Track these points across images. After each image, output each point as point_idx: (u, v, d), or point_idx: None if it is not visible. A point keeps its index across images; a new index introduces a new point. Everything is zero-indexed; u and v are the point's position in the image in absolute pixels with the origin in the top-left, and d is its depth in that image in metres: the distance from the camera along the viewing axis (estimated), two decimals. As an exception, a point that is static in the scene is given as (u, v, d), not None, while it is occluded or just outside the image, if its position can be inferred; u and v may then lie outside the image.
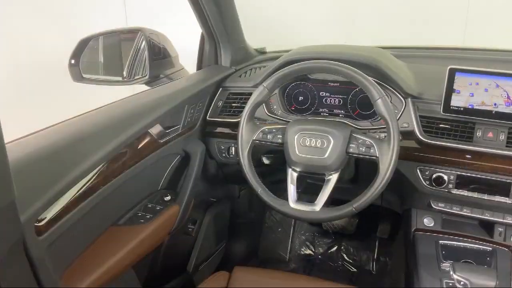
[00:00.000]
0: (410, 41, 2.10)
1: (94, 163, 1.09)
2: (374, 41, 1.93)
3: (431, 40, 2.27)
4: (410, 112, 1.40)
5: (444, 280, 1.25)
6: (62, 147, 1.07)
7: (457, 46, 1.98)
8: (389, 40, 2.07)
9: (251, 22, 2.43)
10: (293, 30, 2.84)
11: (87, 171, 1.07)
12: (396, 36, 2.69)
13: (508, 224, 1.39)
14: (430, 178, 1.39)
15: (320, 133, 1.29)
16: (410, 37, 2.71)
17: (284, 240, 2.34)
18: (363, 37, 2.76)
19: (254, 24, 2.64)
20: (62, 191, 0.99)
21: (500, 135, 1.31)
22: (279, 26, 2.84)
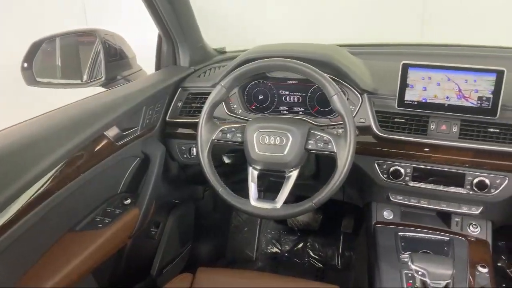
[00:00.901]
0: (370, 38, 2.14)
1: (48, 166, 1.06)
2: (335, 39, 1.96)
3: (390, 38, 2.32)
4: (367, 107, 1.43)
5: (404, 271, 1.28)
6: (14, 150, 1.04)
7: (413, 42, 2.03)
8: (349, 38, 2.11)
9: (211, 22, 2.43)
10: (255, 30, 2.84)
11: (41, 174, 1.04)
12: (356, 34, 2.74)
13: (464, 214, 1.44)
14: (388, 172, 1.42)
15: (279, 130, 1.29)
16: (369, 35, 2.77)
17: (251, 240, 2.34)
18: (324, 35, 2.80)
19: (216, 25, 2.65)
20: (15, 195, 0.96)
21: (453, 127, 1.34)
22: (240, 26, 2.85)
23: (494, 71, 1.26)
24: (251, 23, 2.89)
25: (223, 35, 2.30)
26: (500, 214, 1.43)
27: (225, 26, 2.81)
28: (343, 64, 1.43)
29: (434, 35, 2.78)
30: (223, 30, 2.72)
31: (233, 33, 2.71)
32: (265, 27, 2.83)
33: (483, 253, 1.35)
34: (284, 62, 1.30)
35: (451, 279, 1.16)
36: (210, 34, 1.95)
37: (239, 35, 2.67)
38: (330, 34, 2.75)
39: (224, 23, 2.84)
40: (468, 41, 1.94)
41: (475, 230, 1.43)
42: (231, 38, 2.22)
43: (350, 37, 2.23)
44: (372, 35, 2.60)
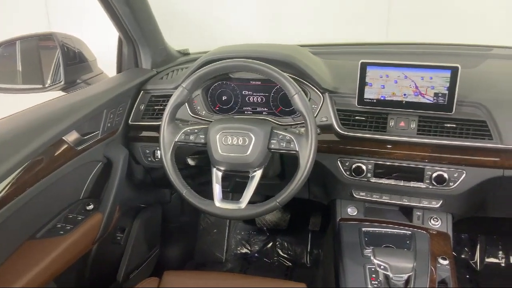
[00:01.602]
0: (336, 38, 2.16)
1: (5, 172, 1.03)
2: (298, 40, 1.98)
3: (356, 38, 2.36)
4: (328, 106, 1.45)
5: (367, 265, 1.30)
6: None
7: (375, 41, 2.07)
8: (315, 39, 2.13)
9: (174, 24, 2.41)
10: (219, 31, 2.84)
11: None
12: (321, 35, 2.78)
13: (425, 208, 1.48)
14: (350, 169, 1.44)
15: (241, 131, 1.30)
16: (334, 35, 2.81)
17: (220, 241, 2.34)
18: (288, 36, 2.83)
19: (179, 26, 2.63)
20: None
21: (411, 124, 1.38)
22: (204, 28, 2.84)
23: (448, 67, 1.30)
24: (215, 25, 2.88)
25: (188, 37, 2.29)
26: (459, 207, 1.47)
27: (189, 28, 2.80)
28: (304, 64, 1.45)
29: (399, 34, 2.83)
30: (187, 31, 2.71)
31: (197, 34, 2.71)
32: (229, 29, 2.83)
33: (444, 246, 1.39)
34: (245, 62, 1.30)
35: (412, 272, 1.19)
36: (174, 35, 1.94)
37: (204, 37, 2.67)
38: (294, 35, 2.78)
39: (188, 24, 2.83)
40: (433, 39, 2.00)
41: (436, 223, 1.47)
42: (196, 40, 2.20)
43: (316, 38, 2.26)
44: (338, 35, 2.65)
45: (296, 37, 2.39)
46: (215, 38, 2.48)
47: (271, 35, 2.85)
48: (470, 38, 2.19)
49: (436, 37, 2.53)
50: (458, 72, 1.28)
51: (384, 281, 1.23)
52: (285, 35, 2.80)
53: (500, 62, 1.63)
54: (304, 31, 2.87)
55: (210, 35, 2.77)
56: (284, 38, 1.85)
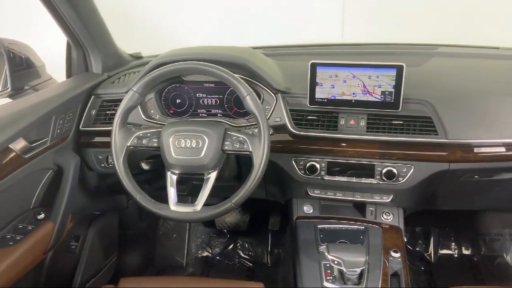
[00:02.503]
0: (293, 40, 2.18)
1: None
2: (258, 41, 2.00)
3: (313, 39, 2.40)
4: (281, 107, 1.47)
5: (322, 261, 1.33)
6: None
7: (328, 42, 2.11)
8: (271, 41, 2.15)
9: (128, 27, 2.38)
10: (173, 35, 2.82)
11: None
12: (278, 36, 2.80)
13: (377, 203, 1.52)
14: (304, 167, 1.47)
15: (194, 133, 1.29)
16: (291, 36, 2.85)
17: (180, 246, 2.32)
18: (247, 38, 2.84)
19: (132, 30, 2.59)
20: None
21: (360, 122, 1.42)
22: (158, 31, 2.81)
23: (394, 66, 1.34)
24: (169, 28, 2.86)
25: (143, 40, 2.26)
26: (409, 201, 1.53)
27: (145, 31, 2.77)
28: (256, 66, 1.47)
29: (355, 35, 2.90)
30: (143, 35, 2.68)
31: (152, 37, 2.68)
32: (183, 31, 2.81)
33: (396, 239, 1.44)
34: (196, 65, 1.30)
35: (365, 266, 1.23)
36: (127, 39, 1.91)
37: (157, 40, 2.64)
38: (252, 37, 2.80)
39: (143, 28, 2.80)
40: (387, 39, 2.06)
41: (388, 218, 1.52)
42: (150, 43, 2.18)
43: (273, 40, 2.28)
44: (295, 37, 2.68)
45: (254, 39, 2.42)
46: (171, 41, 2.47)
47: (228, 37, 2.86)
48: (420, 37, 2.28)
49: (390, 36, 2.62)
50: (403, 71, 1.33)
51: (339, 276, 1.26)
52: (243, 37, 2.82)
53: (445, 60, 1.70)
54: (261, 33, 2.90)
55: (165, 39, 2.75)
56: (242, 40, 1.87)
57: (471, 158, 1.36)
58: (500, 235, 2.18)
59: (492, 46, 1.88)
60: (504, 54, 1.79)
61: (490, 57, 1.75)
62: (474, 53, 1.78)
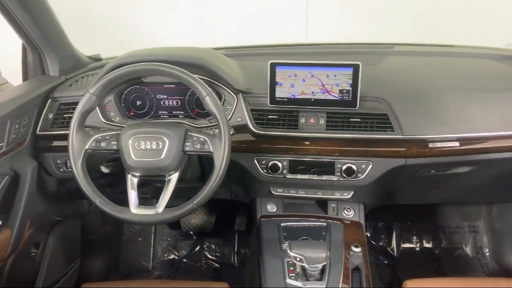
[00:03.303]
0: (257, 40, 2.18)
1: None
2: (222, 42, 2.00)
3: (278, 39, 2.42)
4: (242, 107, 1.48)
5: (285, 259, 1.34)
6: None
7: (288, 43, 2.13)
8: (235, 41, 2.15)
9: (88, 29, 2.34)
10: (136, 36, 2.79)
11: None
12: (241, 37, 2.81)
13: (338, 199, 1.55)
14: (267, 167, 1.48)
15: (154, 135, 1.28)
16: (256, 36, 2.86)
17: (145, 249, 2.30)
18: (211, 39, 2.84)
19: (93, 31, 2.55)
20: None
21: (320, 120, 1.44)
22: (119, 32, 2.78)
23: (350, 65, 1.37)
24: (131, 29, 2.83)
25: (103, 42, 2.23)
26: (369, 196, 1.56)
27: (106, 33, 2.73)
28: (216, 66, 1.47)
29: (319, 35, 2.94)
30: (103, 36, 2.64)
31: (113, 39, 2.64)
32: (146, 33, 2.79)
33: (357, 234, 1.47)
34: (154, 66, 1.30)
35: (326, 261, 1.25)
36: (86, 41, 1.88)
37: (119, 41, 2.60)
38: (216, 38, 2.80)
39: (104, 29, 2.75)
40: (350, 38, 2.10)
41: (349, 214, 1.55)
42: (111, 44, 2.15)
43: (239, 40, 2.28)
44: (260, 37, 2.69)
45: (218, 40, 2.42)
46: (133, 42, 2.44)
47: (192, 39, 2.85)
48: (382, 37, 2.34)
49: (353, 36, 2.67)
50: (359, 69, 1.36)
51: (301, 273, 1.28)
52: (207, 38, 2.81)
53: (401, 58, 1.75)
54: (226, 34, 2.90)
55: (126, 40, 2.71)
56: (206, 42, 1.87)
57: (427, 153, 1.40)
58: (459, 228, 2.25)
59: (447, 44, 1.94)
60: (459, 51, 1.86)
61: (445, 55, 1.81)
62: (429, 51, 1.84)
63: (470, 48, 1.87)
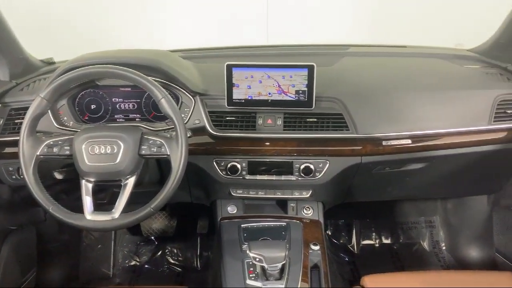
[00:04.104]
0: (220, 42, 2.18)
1: None
2: (174, 45, 1.98)
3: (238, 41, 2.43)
4: (200, 109, 1.47)
5: (245, 260, 1.34)
6: None
7: (245, 45, 2.14)
8: (194, 43, 2.14)
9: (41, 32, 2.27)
10: (93, 38, 2.73)
11: None
12: (201, 39, 2.81)
13: (297, 199, 1.57)
14: (226, 168, 1.48)
15: (109, 139, 1.26)
16: (218, 38, 2.86)
17: (106, 256, 2.25)
18: (172, 40, 2.82)
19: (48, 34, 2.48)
20: None
21: (277, 121, 1.46)
22: (75, 35, 2.72)
23: (305, 66, 1.39)
24: (87, 31, 2.77)
25: (57, 45, 2.17)
26: (327, 195, 1.59)
27: (57, 35, 2.67)
28: (172, 68, 1.46)
29: (278, 37, 2.96)
30: (56, 39, 2.57)
31: (66, 42, 2.58)
32: (102, 36, 2.74)
33: (316, 232, 1.49)
34: (107, 68, 1.27)
35: (285, 260, 1.26)
36: (39, 44, 1.82)
37: (73, 44, 2.54)
38: (177, 40, 2.79)
39: (56, 31, 2.69)
40: (308, 40, 2.13)
41: (308, 213, 1.58)
42: (66, 48, 2.09)
43: (200, 42, 2.27)
44: (223, 39, 2.69)
45: (179, 42, 2.40)
46: (89, 45, 2.39)
47: (148, 41, 2.82)
48: (337, 38, 2.39)
49: (312, 38, 2.71)
50: (314, 70, 1.38)
51: (261, 273, 1.28)
52: (164, 41, 2.79)
53: (355, 59, 1.79)
54: (187, 36, 2.89)
55: (82, 43, 2.65)
56: (163, 44, 1.84)
57: (381, 151, 1.44)
58: (416, 223, 2.32)
59: (399, 45, 2.00)
60: (411, 52, 1.92)
61: (397, 55, 1.86)
62: (382, 52, 1.89)
63: (422, 48, 1.94)
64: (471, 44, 1.90)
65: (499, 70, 1.64)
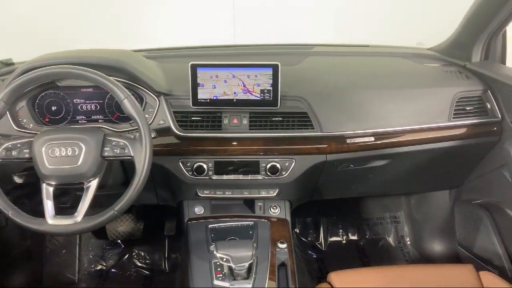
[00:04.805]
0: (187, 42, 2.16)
1: None
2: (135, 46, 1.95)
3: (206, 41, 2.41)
4: (164, 109, 1.46)
5: (213, 260, 1.34)
6: None
7: (210, 44, 2.13)
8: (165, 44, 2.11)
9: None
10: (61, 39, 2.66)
11: None
12: (167, 39, 2.78)
13: (264, 198, 1.58)
14: (192, 169, 1.47)
15: (70, 141, 1.23)
16: (186, 38, 2.83)
17: (70, 262, 2.19)
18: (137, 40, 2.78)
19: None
20: None
21: (243, 120, 1.46)
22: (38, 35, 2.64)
23: (270, 65, 1.40)
24: (50, 31, 2.70)
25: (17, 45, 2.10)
26: (294, 193, 1.60)
27: (18, 35, 2.58)
28: (135, 68, 1.44)
29: (246, 37, 2.97)
30: (16, 39, 2.49)
31: (27, 42, 2.50)
32: (65, 36, 2.67)
33: (283, 231, 1.50)
34: (67, 69, 1.24)
35: (252, 259, 1.26)
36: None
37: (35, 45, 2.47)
38: (146, 40, 2.75)
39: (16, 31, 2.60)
40: (274, 40, 2.13)
41: (275, 211, 1.58)
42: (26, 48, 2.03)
43: (167, 43, 2.25)
44: (189, 39, 2.67)
45: (144, 42, 2.37)
46: (51, 45, 2.33)
47: (112, 42, 2.77)
48: (303, 37, 2.40)
49: (279, 38, 2.72)
50: (278, 69, 1.39)
51: (228, 273, 1.28)
52: (127, 41, 2.74)
53: (320, 58, 1.81)
54: (153, 36, 2.85)
55: (45, 43, 2.58)
56: (126, 44, 1.81)
57: (345, 149, 1.46)
58: (382, 219, 2.37)
59: (362, 45, 2.04)
60: (374, 51, 1.95)
61: (361, 54, 1.90)
62: (346, 52, 1.92)
63: (384, 48, 1.98)
64: (431, 43, 1.96)
65: (458, 68, 1.69)
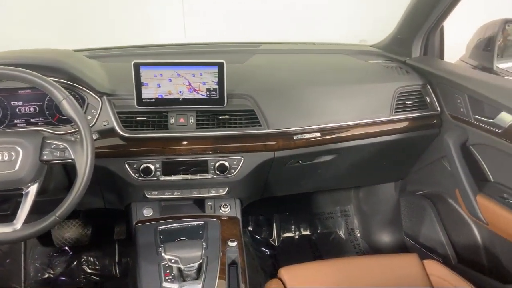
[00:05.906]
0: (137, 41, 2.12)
1: None
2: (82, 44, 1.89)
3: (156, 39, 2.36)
4: (108, 109, 1.42)
5: (161, 263, 1.32)
6: None
7: (151, 44, 2.10)
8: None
9: None
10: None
11: None
12: (112, 37, 2.70)
13: (214, 197, 1.57)
14: (139, 170, 1.44)
15: (6, 145, 1.17)
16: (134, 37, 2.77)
17: (15, 271, 2.09)
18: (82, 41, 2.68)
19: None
20: None
21: (190, 119, 1.44)
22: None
23: (215, 64, 1.39)
24: None
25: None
26: (243, 191, 1.60)
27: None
28: (75, 68, 1.39)
29: (196, 36, 2.95)
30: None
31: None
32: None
33: (233, 229, 1.50)
34: (1, 70, 1.18)
35: (202, 259, 1.25)
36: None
37: None
38: (89, 40, 2.66)
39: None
40: (220, 39, 2.13)
41: (225, 210, 1.58)
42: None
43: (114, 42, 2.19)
44: (137, 37, 2.61)
45: (90, 42, 2.30)
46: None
47: (52, 41, 2.67)
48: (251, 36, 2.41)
49: (228, 36, 2.72)
50: (224, 67, 1.38)
51: (178, 274, 1.26)
52: (68, 41, 2.66)
53: (266, 56, 1.82)
54: (99, 36, 2.77)
55: None
56: (66, 44, 1.75)
57: (292, 145, 1.48)
58: (332, 213, 2.42)
59: (308, 42, 2.07)
60: (319, 48, 1.99)
61: (306, 52, 1.92)
62: (292, 49, 1.94)
63: (329, 45, 2.02)
64: (374, 39, 2.01)
65: (399, 64, 1.75)
